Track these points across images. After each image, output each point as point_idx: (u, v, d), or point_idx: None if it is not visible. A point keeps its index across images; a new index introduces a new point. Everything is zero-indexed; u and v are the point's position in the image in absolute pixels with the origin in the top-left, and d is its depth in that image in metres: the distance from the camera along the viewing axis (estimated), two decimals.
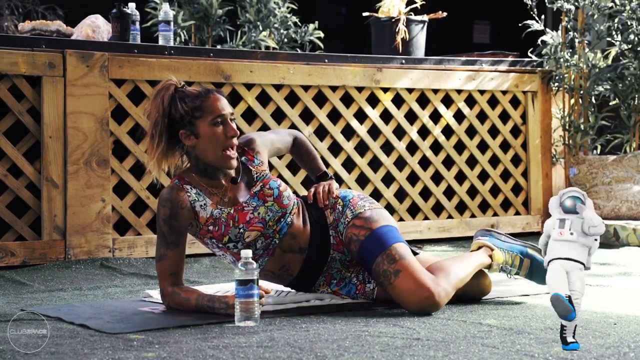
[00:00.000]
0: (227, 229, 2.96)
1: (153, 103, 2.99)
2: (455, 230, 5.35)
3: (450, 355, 2.30)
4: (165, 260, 2.96)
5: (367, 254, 2.99)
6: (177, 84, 3.02)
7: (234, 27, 5.78)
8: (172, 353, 2.35)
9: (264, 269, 3.04)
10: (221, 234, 2.97)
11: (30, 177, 4.28)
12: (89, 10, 5.06)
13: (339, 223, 3.07)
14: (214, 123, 2.95)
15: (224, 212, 2.98)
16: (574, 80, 5.65)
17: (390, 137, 5.21)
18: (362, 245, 3.00)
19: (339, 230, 3.07)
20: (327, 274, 3.09)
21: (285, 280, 3.10)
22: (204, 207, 2.97)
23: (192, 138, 2.97)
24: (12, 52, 4.25)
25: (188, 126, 2.96)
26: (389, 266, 2.93)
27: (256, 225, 2.98)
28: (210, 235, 2.99)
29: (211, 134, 2.95)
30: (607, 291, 3.40)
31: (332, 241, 3.07)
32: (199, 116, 2.95)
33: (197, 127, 2.95)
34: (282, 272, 3.06)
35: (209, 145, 2.96)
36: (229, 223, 2.96)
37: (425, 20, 5.49)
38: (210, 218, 2.97)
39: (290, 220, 3.03)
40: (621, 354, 2.28)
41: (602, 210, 5.39)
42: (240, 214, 2.98)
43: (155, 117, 2.97)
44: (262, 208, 3.00)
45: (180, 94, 2.99)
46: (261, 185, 3.04)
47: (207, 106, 2.96)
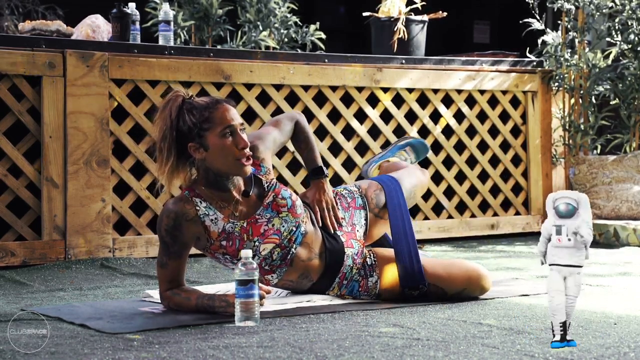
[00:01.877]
0: (242, 243, 2.91)
1: (160, 116, 2.90)
2: (455, 230, 5.35)
3: (450, 355, 2.30)
4: (166, 269, 2.93)
5: (393, 190, 3.25)
6: (185, 95, 2.93)
7: (234, 27, 5.78)
8: (172, 353, 2.35)
9: (282, 278, 3.02)
10: (236, 249, 2.91)
11: (30, 177, 4.28)
12: (89, 10, 5.06)
13: (355, 203, 3.20)
14: (223, 134, 2.87)
15: (236, 225, 2.92)
16: (574, 80, 5.65)
17: (390, 137, 5.21)
18: (385, 189, 3.25)
19: (357, 216, 3.19)
20: (341, 273, 3.10)
21: (304, 287, 3.09)
22: (214, 221, 2.91)
23: (201, 151, 2.89)
24: (12, 52, 4.25)
25: (197, 139, 2.87)
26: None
27: (271, 238, 2.94)
28: (224, 251, 2.93)
29: (221, 145, 2.86)
30: (607, 291, 3.40)
31: (343, 238, 3.10)
32: (207, 128, 2.86)
33: (206, 139, 2.87)
34: (301, 279, 3.05)
35: (219, 158, 2.87)
36: (243, 237, 2.91)
37: (425, 20, 5.49)
38: (222, 233, 2.91)
39: (304, 229, 3.01)
40: (621, 354, 2.28)
41: (602, 210, 5.39)
42: (254, 226, 2.93)
43: (163, 130, 2.88)
44: (277, 219, 2.96)
45: (188, 106, 2.90)
46: (273, 195, 2.99)
47: (216, 117, 2.87)
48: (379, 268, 3.11)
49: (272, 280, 3.02)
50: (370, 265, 3.12)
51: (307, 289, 3.11)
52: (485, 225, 5.44)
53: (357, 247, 3.13)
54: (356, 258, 3.11)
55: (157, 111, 2.95)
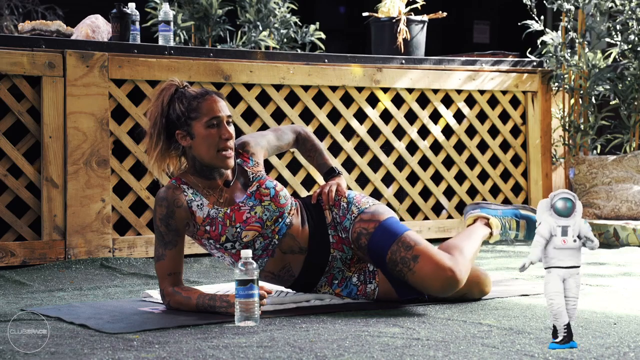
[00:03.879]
0: (224, 229, 2.96)
1: (154, 103, 3.01)
2: (455, 230, 5.35)
3: (450, 355, 2.30)
4: (163, 261, 2.96)
5: (378, 245, 2.99)
6: (180, 85, 3.03)
7: (234, 27, 5.78)
8: (172, 353, 2.35)
9: (264, 269, 3.04)
10: (218, 234, 2.97)
11: (30, 177, 4.28)
12: (89, 10, 5.06)
13: (344, 220, 3.07)
14: (209, 125, 2.96)
15: (220, 211, 2.98)
16: (574, 81, 5.65)
17: (390, 137, 5.21)
18: (373, 237, 3.00)
19: (344, 226, 3.07)
20: (328, 274, 3.09)
21: (286, 282, 3.09)
22: (200, 207, 2.98)
23: (187, 139, 2.98)
24: (12, 52, 4.25)
25: (184, 127, 2.97)
26: (407, 253, 2.94)
27: (253, 225, 2.98)
28: (208, 235, 2.99)
29: (205, 135, 2.95)
30: (607, 291, 3.40)
31: (332, 240, 3.08)
32: (194, 117, 2.96)
33: (193, 128, 2.97)
34: (283, 273, 3.06)
35: (204, 147, 2.96)
36: (226, 222, 2.97)
37: (425, 20, 5.49)
38: (207, 218, 2.97)
39: (289, 221, 3.04)
40: (621, 354, 2.28)
41: (602, 210, 5.39)
42: (237, 213, 2.98)
43: (155, 116, 2.99)
44: (259, 207, 3.00)
45: (179, 94, 3.00)
46: (257, 185, 3.05)
47: (203, 107, 2.97)
48: (379, 277, 3.10)
49: None
50: (371, 272, 3.11)
51: (290, 285, 3.10)
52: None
53: (350, 253, 3.09)
54: (350, 263, 3.10)
55: (152, 97, 3.06)
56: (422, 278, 2.92)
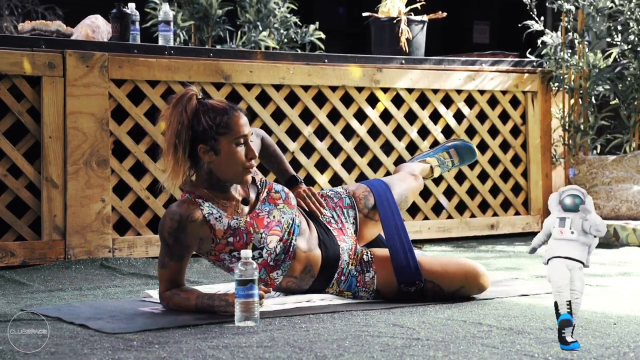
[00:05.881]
0: (249, 237, 2.93)
1: (174, 112, 2.89)
2: (455, 231, 5.36)
3: (450, 355, 2.30)
4: (167, 270, 2.94)
5: (382, 193, 3.27)
6: (198, 94, 2.94)
7: (233, 27, 5.78)
8: (172, 353, 2.35)
9: (287, 274, 3.03)
10: (244, 243, 2.93)
11: (30, 177, 4.28)
12: (89, 10, 5.06)
13: (342, 201, 3.24)
14: (237, 143, 2.90)
15: (241, 221, 2.95)
16: (574, 81, 5.65)
17: (390, 137, 5.22)
18: (375, 193, 3.28)
19: (346, 204, 3.24)
20: (339, 268, 3.11)
21: (306, 283, 3.10)
22: (219, 219, 2.93)
23: (211, 154, 2.90)
24: (12, 52, 4.25)
25: (210, 141, 2.89)
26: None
27: (275, 229, 2.98)
28: (231, 247, 2.94)
29: (233, 153, 2.89)
30: (607, 291, 3.40)
31: (334, 233, 3.15)
32: (223, 133, 2.88)
33: (220, 144, 2.89)
34: (304, 274, 3.07)
35: (228, 164, 2.90)
36: (249, 230, 2.94)
37: (425, 20, 5.49)
38: (228, 229, 2.93)
39: (299, 221, 3.07)
40: (621, 354, 2.28)
41: (602, 210, 5.39)
42: (257, 219, 2.97)
43: (177, 127, 2.87)
44: (276, 211, 3.02)
45: (204, 107, 2.90)
46: (267, 190, 3.06)
47: (233, 124, 2.89)
48: (376, 264, 3.12)
49: (277, 278, 3.03)
50: (367, 262, 3.14)
51: (308, 287, 3.11)
52: (485, 225, 5.45)
53: (350, 242, 3.16)
54: (351, 253, 3.14)
55: (169, 105, 2.93)
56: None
